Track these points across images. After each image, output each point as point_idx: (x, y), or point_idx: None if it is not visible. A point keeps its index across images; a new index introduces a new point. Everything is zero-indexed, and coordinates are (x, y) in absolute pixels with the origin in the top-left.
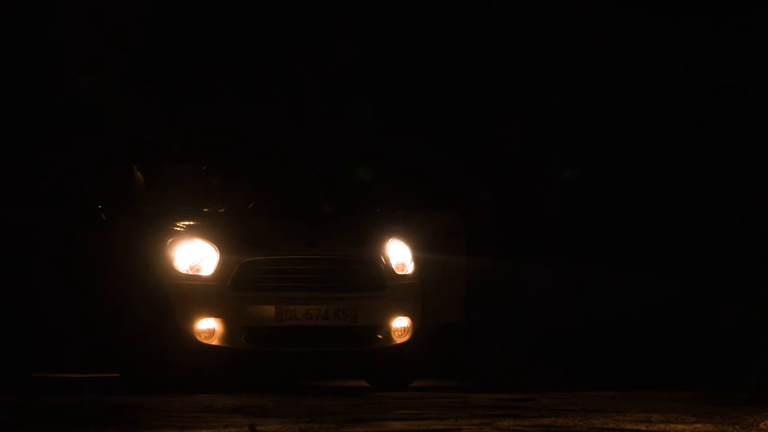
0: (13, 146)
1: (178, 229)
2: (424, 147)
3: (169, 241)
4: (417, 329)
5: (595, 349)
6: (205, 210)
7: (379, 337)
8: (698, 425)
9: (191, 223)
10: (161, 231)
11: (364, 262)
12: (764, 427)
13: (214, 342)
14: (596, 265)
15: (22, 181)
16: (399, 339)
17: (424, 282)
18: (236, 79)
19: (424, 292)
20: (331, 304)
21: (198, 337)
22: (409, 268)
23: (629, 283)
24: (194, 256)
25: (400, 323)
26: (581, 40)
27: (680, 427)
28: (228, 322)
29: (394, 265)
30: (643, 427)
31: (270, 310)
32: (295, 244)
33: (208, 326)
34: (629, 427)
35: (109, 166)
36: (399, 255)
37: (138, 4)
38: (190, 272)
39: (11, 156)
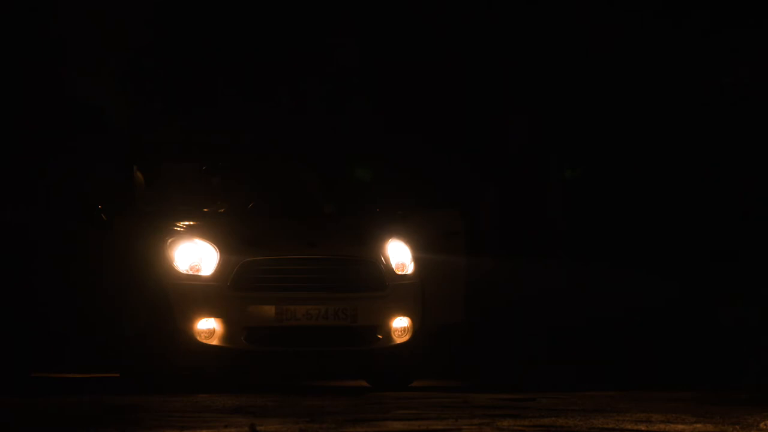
0: (13, 146)
1: (178, 229)
2: (424, 147)
3: (169, 241)
4: (417, 329)
5: (595, 349)
6: (205, 210)
7: (379, 337)
8: (698, 425)
9: (191, 223)
10: (161, 231)
11: (364, 262)
12: (764, 427)
13: (214, 342)
14: (596, 265)
15: (22, 181)
16: (399, 339)
17: (424, 282)
18: (236, 79)
19: (424, 292)
20: (331, 304)
21: (198, 337)
22: (409, 268)
23: (629, 283)
24: (194, 256)
25: (400, 323)
26: (581, 40)
27: (680, 427)
28: (228, 322)
29: (394, 265)
30: (643, 427)
31: (270, 310)
32: (295, 244)
33: (208, 326)
34: (629, 427)
35: (109, 166)
36: (399, 255)
37: (138, 4)
38: (190, 272)
39: (11, 156)
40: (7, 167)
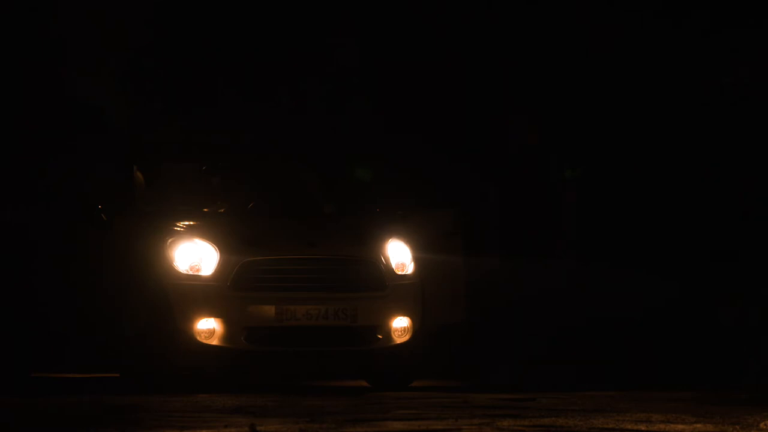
0: (13, 146)
1: (178, 229)
2: (424, 147)
3: (169, 241)
4: (417, 329)
5: (595, 349)
6: (205, 210)
7: (379, 337)
8: (698, 425)
9: (191, 223)
10: (161, 231)
11: (364, 262)
12: (764, 427)
13: (214, 342)
14: (596, 265)
15: (22, 181)
16: (399, 339)
17: (424, 282)
18: (236, 79)
19: (424, 292)
20: (331, 304)
21: (198, 337)
22: (409, 268)
23: (629, 283)
24: (194, 256)
25: (400, 323)
26: (581, 40)
27: (680, 427)
28: (228, 322)
29: (394, 265)
30: (643, 427)
31: (270, 310)
32: (295, 244)
33: (208, 326)
34: (629, 427)
35: (109, 166)
36: (399, 255)
37: (138, 4)
38: (190, 272)
39: (11, 156)
40: (7, 167)
